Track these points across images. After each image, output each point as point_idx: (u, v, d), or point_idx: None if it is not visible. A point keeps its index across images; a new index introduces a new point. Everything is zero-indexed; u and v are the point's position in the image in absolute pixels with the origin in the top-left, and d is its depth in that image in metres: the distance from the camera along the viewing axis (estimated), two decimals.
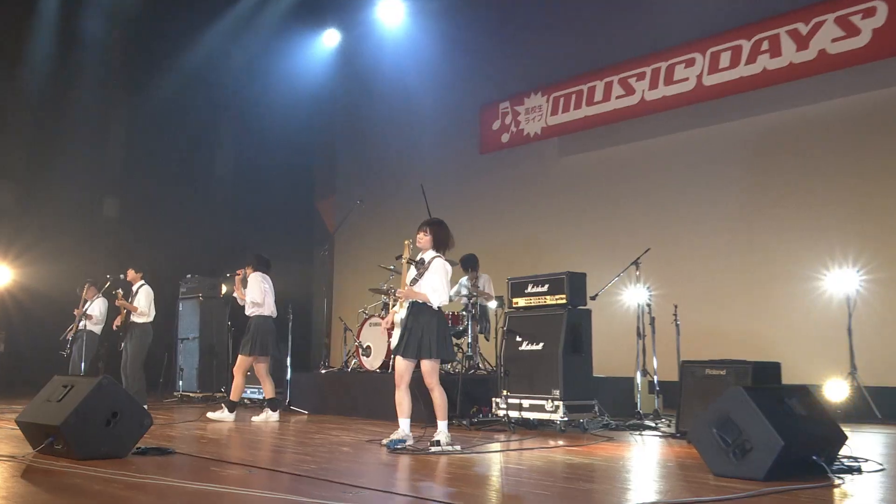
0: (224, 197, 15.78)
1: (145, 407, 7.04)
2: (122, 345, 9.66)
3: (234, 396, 8.66)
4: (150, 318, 9.71)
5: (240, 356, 8.69)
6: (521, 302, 7.98)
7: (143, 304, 9.61)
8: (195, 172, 15.39)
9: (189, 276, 12.84)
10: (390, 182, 15.26)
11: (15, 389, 12.45)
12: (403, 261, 6.38)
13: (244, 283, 9.01)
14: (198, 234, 15.04)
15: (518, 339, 7.76)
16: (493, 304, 9.78)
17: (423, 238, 6.18)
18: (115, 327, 9.68)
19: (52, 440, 5.18)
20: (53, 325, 11.07)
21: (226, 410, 8.60)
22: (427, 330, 6.02)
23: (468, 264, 9.93)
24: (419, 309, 6.07)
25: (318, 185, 17.12)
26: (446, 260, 6.20)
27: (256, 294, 8.73)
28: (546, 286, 7.75)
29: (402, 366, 6.11)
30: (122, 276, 9.83)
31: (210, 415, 8.62)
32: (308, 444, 6.40)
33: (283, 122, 15.60)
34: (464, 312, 9.54)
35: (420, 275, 6.12)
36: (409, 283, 6.19)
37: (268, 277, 8.91)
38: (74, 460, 5.06)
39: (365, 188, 15.36)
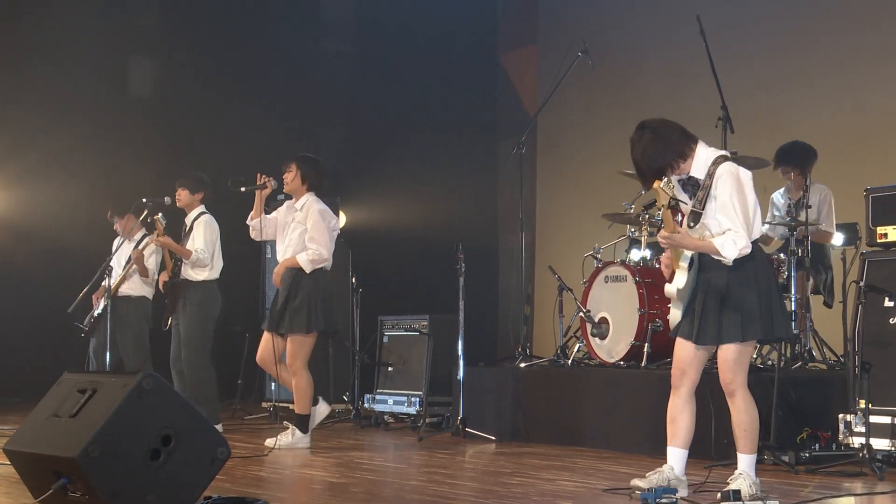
0: (337, 58, 16.04)
1: (218, 427, 7.41)
2: (171, 321, 10.14)
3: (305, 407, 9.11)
4: (216, 274, 10.14)
5: (292, 337, 8.99)
6: (892, 234, 7.86)
7: (202, 245, 9.99)
8: (287, 17, 15.69)
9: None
10: (639, 15, 15.12)
11: (3, 391, 13.21)
12: (661, 207, 6.41)
13: (272, 201, 9.29)
14: (293, 125, 15.35)
15: (888, 303, 7.68)
16: (836, 241, 9.68)
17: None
18: (160, 285, 10.13)
19: (64, 482, 5.51)
20: (63, 284, 11.55)
21: (297, 430, 8.98)
22: (738, 292, 6.10)
23: (790, 160, 9.67)
24: (712, 262, 6.17)
25: (504, 27, 17.17)
26: (736, 161, 6.28)
27: (322, 237, 9.00)
28: None
29: (690, 354, 6.25)
30: (167, 198, 10.21)
31: (269, 441, 8.89)
32: (500, 493, 6.56)
33: None
34: (780, 255, 9.42)
35: (700, 201, 6.16)
36: (688, 224, 6.24)
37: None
38: None
39: (591, 29, 15.27)
